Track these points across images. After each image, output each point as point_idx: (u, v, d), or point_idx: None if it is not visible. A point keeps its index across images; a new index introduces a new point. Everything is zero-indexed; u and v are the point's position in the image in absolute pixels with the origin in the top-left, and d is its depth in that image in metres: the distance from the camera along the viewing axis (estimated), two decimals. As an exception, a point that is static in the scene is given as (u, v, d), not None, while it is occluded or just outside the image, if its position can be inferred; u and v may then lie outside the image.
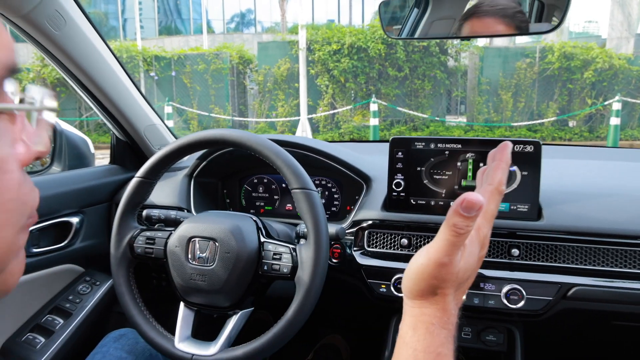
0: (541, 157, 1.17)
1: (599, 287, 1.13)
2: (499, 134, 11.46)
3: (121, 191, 1.60)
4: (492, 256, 1.20)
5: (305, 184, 1.06)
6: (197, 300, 1.12)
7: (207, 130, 1.16)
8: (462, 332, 1.30)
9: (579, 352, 1.51)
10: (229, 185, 1.62)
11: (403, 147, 1.26)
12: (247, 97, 13.01)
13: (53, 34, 1.15)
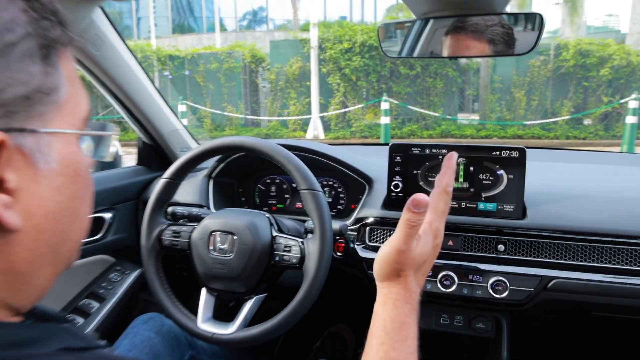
0: (526, 162, 1.31)
1: (577, 280, 1.26)
2: (511, 133, 11.43)
3: (147, 189, 1.76)
4: (480, 251, 1.33)
5: (312, 185, 1.20)
6: (217, 286, 1.28)
7: (227, 137, 1.31)
8: (455, 320, 1.44)
9: (564, 342, 1.64)
10: (244, 185, 1.77)
11: (401, 152, 1.40)
12: (260, 95, 13.14)
13: (93, 55, 1.32)
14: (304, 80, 12.16)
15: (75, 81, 0.54)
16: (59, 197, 0.52)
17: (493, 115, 11.71)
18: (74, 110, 0.53)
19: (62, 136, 0.51)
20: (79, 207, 0.55)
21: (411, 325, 0.75)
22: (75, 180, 0.54)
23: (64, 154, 0.52)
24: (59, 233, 0.53)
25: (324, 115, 12.01)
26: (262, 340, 1.21)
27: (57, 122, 0.51)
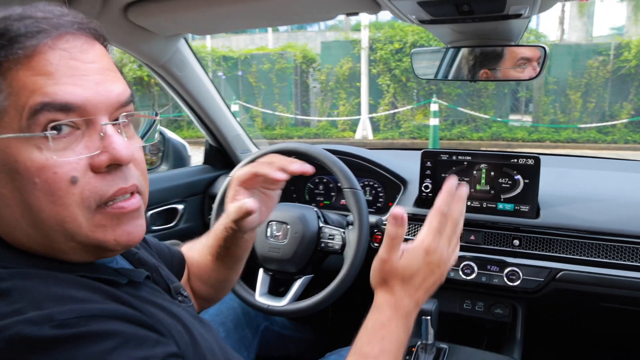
0: (540, 168, 1.50)
1: (583, 272, 1.45)
2: (565, 136, 11.15)
3: (213, 185, 2.04)
4: (498, 245, 1.54)
5: (353, 184, 1.45)
6: (272, 267, 1.54)
7: (282, 143, 1.57)
8: (476, 305, 1.64)
9: (576, 333, 1.81)
10: (296, 183, 2.03)
11: (431, 158, 1.62)
12: (310, 95, 13.28)
13: (177, 75, 1.61)
14: (354, 81, 12.27)
15: (20, 89, 0.59)
16: (3, 188, 0.62)
17: (546, 118, 11.46)
18: (18, 114, 0.59)
19: (1, 140, 0.60)
20: (27, 198, 0.61)
21: (390, 327, 0.81)
22: (13, 177, 0.60)
23: (1, 153, 0.60)
24: (18, 217, 0.63)
25: (373, 116, 12.10)
26: (308, 312, 1.46)
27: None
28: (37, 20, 0.60)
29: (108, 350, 0.55)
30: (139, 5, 1.18)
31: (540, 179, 1.51)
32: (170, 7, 1.17)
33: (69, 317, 0.55)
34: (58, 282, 0.61)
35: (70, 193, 0.62)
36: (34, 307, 0.55)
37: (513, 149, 10.41)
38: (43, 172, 0.60)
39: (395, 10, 1.11)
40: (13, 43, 0.58)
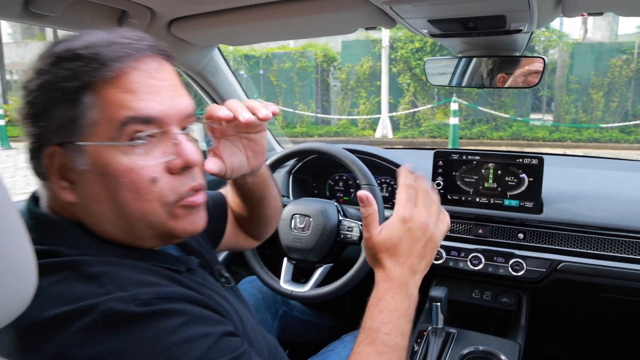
0: (543, 167, 1.62)
1: (582, 264, 1.57)
2: (587, 136, 11.07)
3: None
4: (504, 238, 1.66)
5: (370, 181, 1.59)
6: (295, 256, 1.70)
7: (305, 143, 1.72)
8: (484, 295, 1.77)
9: (577, 323, 1.94)
10: (317, 180, 2.18)
11: (443, 157, 1.75)
12: (330, 94, 13.37)
13: (211, 80, 1.78)
14: (374, 80, 12.33)
15: (115, 103, 0.71)
16: (93, 187, 0.74)
17: (568, 117, 11.39)
18: (109, 125, 0.71)
19: (93, 146, 0.72)
20: (115, 195, 0.73)
21: (386, 300, 0.87)
22: (103, 178, 0.73)
23: (93, 159, 0.72)
24: (106, 211, 0.75)
25: (393, 115, 12.17)
26: (328, 297, 1.61)
27: (91, 137, 0.71)
28: (122, 46, 0.73)
29: (178, 325, 0.68)
30: (181, 21, 1.34)
31: (544, 178, 1.63)
32: (208, 23, 1.33)
33: (149, 297, 0.68)
34: (136, 269, 0.73)
35: (151, 191, 0.74)
36: (120, 289, 0.68)
37: (533, 149, 10.43)
38: (129, 174, 0.73)
39: (408, 25, 1.25)
40: (104, 66, 0.70)
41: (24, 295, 0.56)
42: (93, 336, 0.64)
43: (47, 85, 0.71)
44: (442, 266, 1.71)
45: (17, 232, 0.54)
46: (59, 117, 0.72)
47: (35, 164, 0.76)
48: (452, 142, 9.90)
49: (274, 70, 13.06)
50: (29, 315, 0.64)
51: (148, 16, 1.27)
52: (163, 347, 0.66)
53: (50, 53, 0.73)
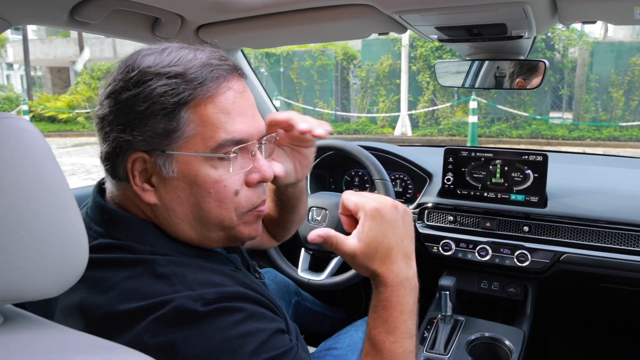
0: (548, 164, 1.71)
1: (584, 255, 1.66)
2: (606, 134, 11.03)
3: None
4: (510, 231, 1.76)
5: (383, 176, 1.69)
6: (312, 247, 1.81)
7: (323, 140, 1.83)
8: (492, 285, 1.86)
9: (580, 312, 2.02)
10: (334, 175, 2.29)
11: (453, 154, 1.84)
12: (350, 92, 13.47)
13: None
14: (393, 78, 12.40)
15: (210, 122, 0.78)
16: (178, 192, 0.82)
17: (587, 116, 11.38)
18: (202, 141, 0.79)
19: (183, 156, 0.80)
20: (200, 202, 0.82)
21: (392, 306, 0.85)
22: (191, 185, 0.81)
23: (182, 167, 0.80)
24: (187, 214, 0.83)
25: (413, 113, 12.22)
26: (343, 285, 1.72)
27: (184, 148, 0.79)
28: (216, 66, 0.80)
29: (237, 321, 0.75)
30: (208, 26, 1.45)
31: (548, 174, 1.72)
32: (233, 28, 1.44)
33: (214, 297, 0.75)
34: (201, 269, 0.81)
35: (233, 201, 0.84)
36: (188, 288, 0.76)
37: (553, 147, 10.41)
38: (216, 185, 0.82)
39: (418, 31, 1.35)
40: (201, 86, 0.78)
41: (77, 267, 0.66)
42: (165, 327, 0.73)
43: (143, 97, 0.78)
44: (451, 257, 1.81)
45: (71, 210, 0.64)
46: (155, 128, 0.78)
47: (112, 166, 0.83)
48: (470, 140, 9.92)
49: (294, 68, 13.19)
50: (106, 304, 0.75)
51: (178, 22, 1.39)
52: (223, 339, 0.74)
53: (141, 67, 0.79)
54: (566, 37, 11.27)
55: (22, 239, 0.58)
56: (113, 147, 0.81)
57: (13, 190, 0.58)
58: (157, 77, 0.78)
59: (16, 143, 0.59)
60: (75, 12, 1.17)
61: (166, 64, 0.79)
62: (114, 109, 0.80)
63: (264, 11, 1.32)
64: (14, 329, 0.63)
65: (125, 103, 0.78)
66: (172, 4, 1.27)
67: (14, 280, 0.58)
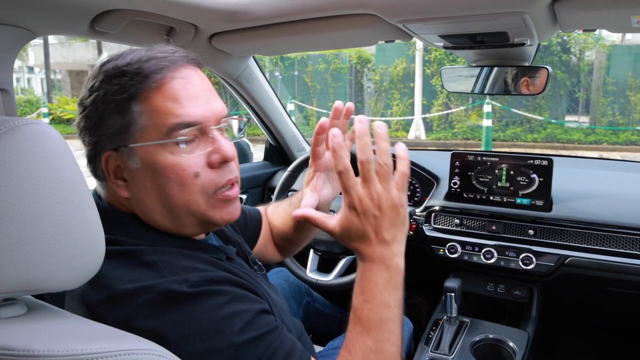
0: (553, 168, 1.74)
1: (589, 259, 1.68)
2: (624, 138, 10.88)
3: (272, 179, 2.37)
4: (515, 234, 1.78)
5: (390, 180, 1.73)
6: (321, 248, 1.86)
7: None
8: (498, 288, 1.89)
9: (587, 316, 2.03)
10: (344, 178, 2.33)
11: (460, 159, 1.88)
12: (364, 95, 13.45)
13: (246, 86, 1.96)
14: (407, 82, 12.37)
15: (160, 110, 0.83)
16: (144, 182, 0.86)
17: (604, 120, 11.25)
18: (156, 130, 0.83)
19: (142, 147, 0.84)
20: (163, 188, 0.86)
21: (367, 278, 0.88)
22: (153, 174, 0.85)
23: (142, 158, 0.84)
24: (156, 203, 0.88)
25: (427, 116, 12.20)
26: (351, 286, 1.74)
27: (141, 139, 0.83)
28: (159, 59, 0.85)
29: (222, 303, 0.81)
30: (221, 35, 1.51)
31: (555, 178, 1.75)
32: (244, 36, 1.50)
33: (198, 280, 0.81)
34: (185, 257, 0.87)
35: (194, 184, 0.86)
36: (174, 274, 0.81)
37: (568, 151, 10.33)
38: (175, 169, 0.85)
39: (423, 39, 1.39)
40: (146, 79, 0.83)
41: (95, 261, 0.72)
42: (153, 311, 0.78)
43: (100, 100, 0.84)
44: (457, 260, 1.84)
45: (90, 209, 0.70)
46: (113, 126, 0.85)
47: (93, 167, 0.90)
48: (484, 144, 9.88)
49: (308, 72, 13.21)
50: (98, 292, 0.81)
51: (192, 31, 1.44)
52: (210, 321, 0.79)
53: (100, 72, 0.86)
54: (583, 41, 11.17)
55: (45, 235, 0.64)
56: (89, 150, 0.89)
57: (37, 190, 0.63)
58: (110, 78, 0.84)
59: (41, 147, 0.64)
60: (96, 23, 1.23)
61: (120, 65, 0.85)
62: (82, 115, 0.87)
63: (274, 20, 1.37)
64: (37, 318, 0.68)
65: (89, 108, 0.86)
66: (187, 14, 1.33)
67: (38, 272, 0.64)
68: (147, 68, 0.84)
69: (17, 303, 0.68)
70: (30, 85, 30.84)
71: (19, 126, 0.63)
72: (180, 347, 0.76)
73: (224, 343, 0.79)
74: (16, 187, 0.62)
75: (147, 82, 0.83)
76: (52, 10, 1.12)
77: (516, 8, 1.09)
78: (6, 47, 1.11)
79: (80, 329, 0.68)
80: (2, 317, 0.66)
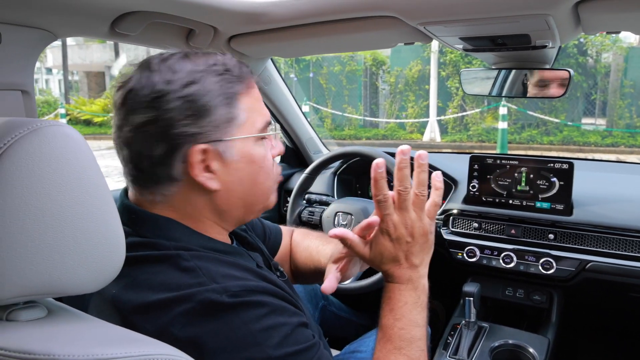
0: (573, 172, 1.71)
1: (611, 264, 1.65)
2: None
3: (288, 181, 2.37)
4: (535, 238, 1.76)
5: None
6: (338, 251, 1.84)
7: (348, 147, 1.87)
8: (517, 292, 1.87)
9: (608, 322, 2.00)
10: (361, 181, 2.32)
11: (478, 161, 1.86)
12: (379, 97, 13.48)
13: (264, 88, 1.96)
14: (422, 84, 12.36)
15: (253, 108, 0.92)
16: (239, 173, 0.91)
17: (621, 122, 11.17)
18: (251, 125, 0.91)
19: (239, 140, 0.90)
20: (255, 177, 0.93)
21: (396, 297, 0.96)
22: (249, 164, 0.92)
23: (241, 150, 0.90)
24: (244, 192, 0.93)
25: (442, 119, 12.17)
26: (368, 289, 1.74)
27: (238, 133, 0.89)
28: (245, 66, 0.94)
29: (261, 315, 0.80)
30: (239, 37, 1.51)
31: (575, 181, 1.72)
32: (263, 39, 1.50)
33: (238, 289, 0.81)
34: (222, 263, 0.87)
35: (272, 172, 0.97)
36: (212, 281, 0.81)
37: (585, 154, 10.22)
38: (264, 160, 0.94)
39: (443, 42, 1.38)
40: (244, 80, 0.91)
41: (115, 264, 0.71)
42: (192, 320, 0.78)
43: (204, 93, 0.86)
44: (476, 264, 1.82)
45: (111, 211, 0.70)
46: (219, 118, 0.87)
47: (165, 167, 0.88)
48: (500, 146, 9.83)
49: (323, 74, 13.26)
50: (135, 298, 0.81)
51: (211, 33, 1.44)
52: (248, 333, 0.78)
53: (187, 69, 0.87)
54: (599, 43, 11.09)
55: (65, 238, 0.64)
56: (169, 147, 0.86)
57: (58, 192, 0.63)
58: (208, 74, 0.87)
59: (62, 149, 0.64)
60: (116, 25, 1.23)
61: (206, 64, 0.89)
62: (169, 108, 0.84)
63: (293, 22, 1.37)
64: (57, 321, 0.68)
65: (184, 99, 0.85)
66: (206, 16, 1.33)
67: (58, 275, 0.64)
68: (243, 71, 0.92)
69: (38, 306, 0.68)
70: (48, 86, 31.25)
71: (41, 128, 0.63)
72: (217, 357, 0.77)
73: (260, 356, 0.79)
74: (38, 189, 0.61)
75: (244, 84, 0.91)
76: (73, 12, 1.12)
77: (539, 10, 1.07)
78: (27, 49, 1.12)
79: (101, 332, 0.68)
80: (22, 319, 0.66)
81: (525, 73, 1.52)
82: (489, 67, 1.61)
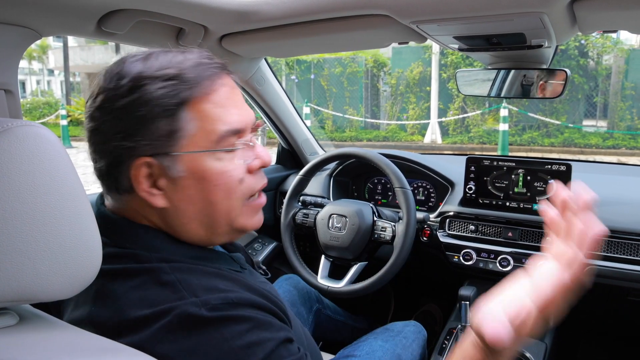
0: (571, 173, 1.68)
1: (609, 267, 1.62)
2: (643, 143, 10.85)
3: (284, 183, 2.35)
4: (532, 241, 1.73)
5: (403, 184, 1.69)
6: (332, 253, 1.82)
7: (344, 148, 1.85)
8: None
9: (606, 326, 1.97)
10: (357, 183, 2.29)
11: (475, 163, 1.83)
12: (380, 99, 13.43)
13: (258, 89, 1.93)
14: (424, 85, 12.33)
15: (210, 116, 0.80)
16: (188, 191, 0.82)
17: (622, 124, 11.14)
18: (205, 137, 0.81)
19: (190, 154, 0.81)
20: (208, 196, 0.83)
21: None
22: (199, 181, 0.82)
23: (188, 165, 0.81)
24: (198, 212, 0.84)
25: (443, 120, 12.14)
26: (362, 293, 1.72)
27: (186, 147, 0.80)
28: (207, 65, 0.83)
29: (244, 330, 0.75)
30: (231, 36, 1.49)
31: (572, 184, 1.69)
32: (255, 38, 1.47)
33: (218, 302, 0.75)
34: (205, 274, 0.82)
35: (238, 190, 0.86)
36: (192, 295, 0.76)
37: (586, 156, 10.19)
38: (223, 177, 0.83)
39: (437, 41, 1.36)
40: (198, 85, 0.81)
41: (90, 270, 0.68)
42: (168, 335, 0.73)
43: (144, 103, 0.78)
44: (472, 267, 1.79)
45: (86, 215, 0.67)
46: (158, 131, 0.79)
47: (114, 178, 0.83)
48: (501, 148, 9.80)
49: (324, 75, 13.24)
50: (114, 315, 0.76)
51: (202, 32, 1.42)
52: (229, 350, 0.73)
53: (135, 74, 0.80)
54: (600, 44, 11.07)
55: (37, 242, 0.61)
56: (113, 158, 0.81)
57: (29, 194, 0.60)
58: (152, 80, 0.79)
59: (35, 149, 0.62)
60: (102, 23, 1.21)
61: (157, 67, 0.80)
62: (108, 119, 0.80)
63: (284, 21, 1.35)
64: (28, 328, 0.66)
65: (121, 111, 0.79)
66: (196, 14, 1.30)
67: (28, 281, 0.61)
68: (199, 74, 0.81)
69: (8, 313, 0.65)
70: (50, 87, 31.34)
71: (12, 128, 0.61)
72: None
73: None
74: (6, 190, 0.59)
75: (199, 88, 0.81)
76: (58, 10, 1.10)
77: (534, 8, 1.05)
78: (11, 47, 1.10)
79: (73, 341, 0.65)
80: None
81: (523, 74, 1.50)
82: (485, 68, 1.59)
